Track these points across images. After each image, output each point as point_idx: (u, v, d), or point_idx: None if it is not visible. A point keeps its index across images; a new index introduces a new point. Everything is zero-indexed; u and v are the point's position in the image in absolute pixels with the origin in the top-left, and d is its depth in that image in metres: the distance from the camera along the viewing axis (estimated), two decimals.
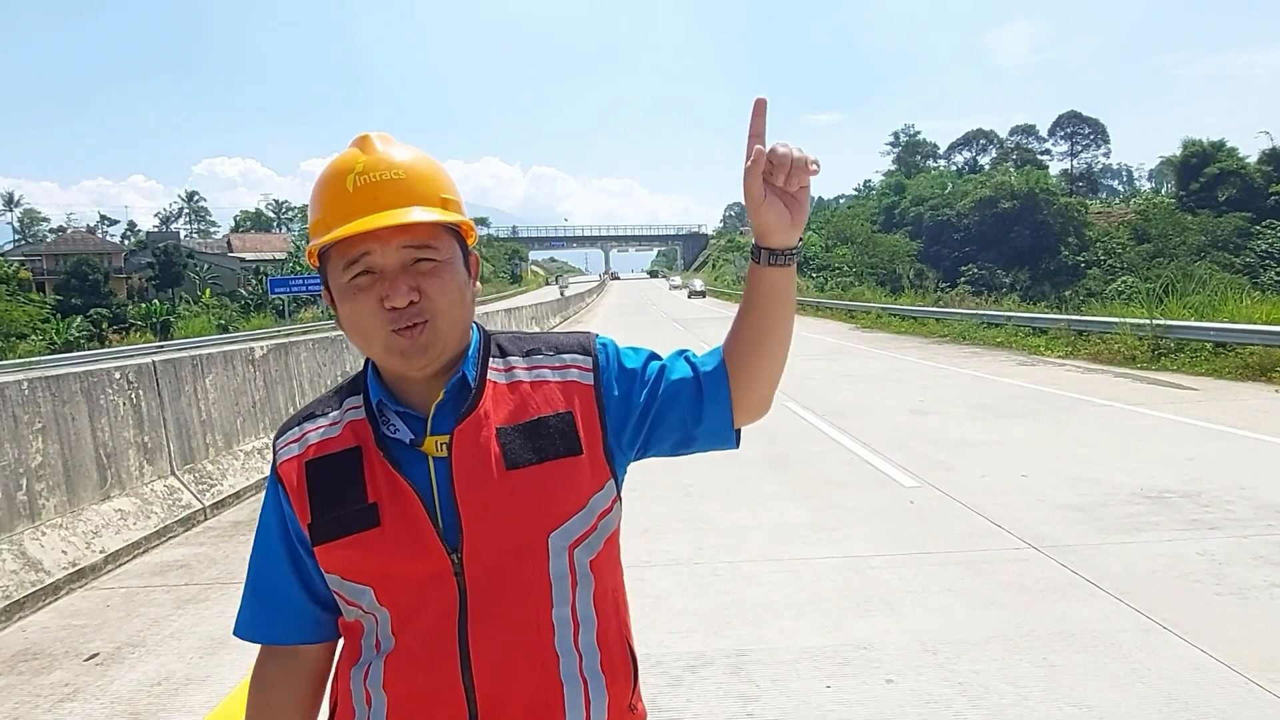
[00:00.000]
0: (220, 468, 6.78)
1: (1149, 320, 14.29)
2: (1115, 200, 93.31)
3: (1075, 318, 17.63)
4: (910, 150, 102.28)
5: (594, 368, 1.15)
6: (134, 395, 5.90)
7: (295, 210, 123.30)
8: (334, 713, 1.16)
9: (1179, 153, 67.03)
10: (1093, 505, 5.64)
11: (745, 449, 1.32)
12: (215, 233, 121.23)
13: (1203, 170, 63.04)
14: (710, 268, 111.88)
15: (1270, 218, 57.34)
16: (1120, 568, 4.46)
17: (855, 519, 5.56)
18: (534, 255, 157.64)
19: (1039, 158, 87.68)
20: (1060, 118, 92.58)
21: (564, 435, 1.09)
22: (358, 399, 1.14)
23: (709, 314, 40.39)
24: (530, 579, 1.06)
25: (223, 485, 6.64)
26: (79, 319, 46.85)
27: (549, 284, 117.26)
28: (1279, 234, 56.50)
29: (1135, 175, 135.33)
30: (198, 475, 6.48)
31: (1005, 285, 53.95)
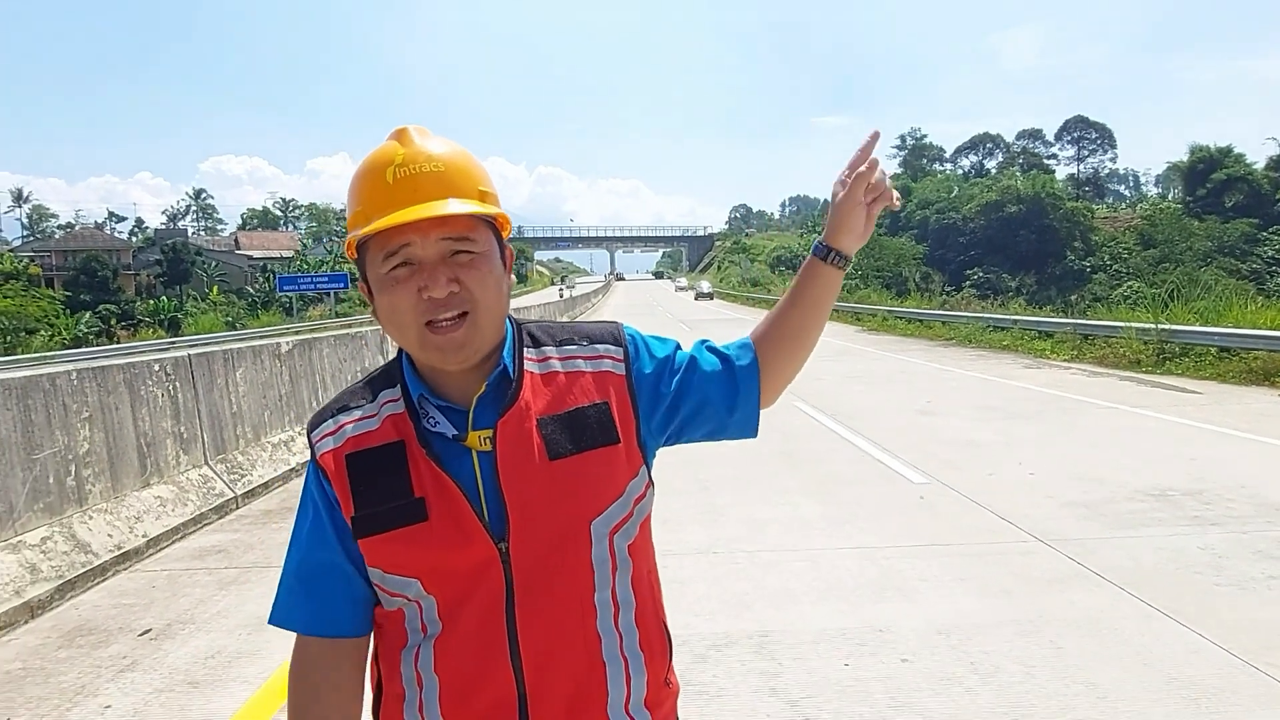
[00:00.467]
0: (250, 459, 7.00)
1: (1154, 325, 14.45)
2: (1122, 205, 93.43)
3: (1081, 322, 17.78)
4: (917, 154, 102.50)
5: (625, 358, 1.19)
6: (171, 387, 6.12)
7: (302, 209, 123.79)
8: (379, 695, 1.17)
9: (1186, 158, 67.19)
10: (1098, 502, 5.82)
11: (758, 446, 1.52)
12: (222, 230, 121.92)
13: (1210, 176, 63.14)
14: (716, 269, 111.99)
15: (1277, 224, 57.33)
16: (1124, 560, 4.64)
17: (868, 513, 5.75)
18: (539, 255, 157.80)
19: (1045, 162, 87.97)
20: (1067, 122, 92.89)
21: (602, 425, 1.13)
22: (393, 391, 1.15)
23: (716, 315, 40.49)
24: (574, 565, 1.10)
25: (252, 475, 6.86)
26: (88, 315, 47.19)
27: (554, 284, 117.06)
28: None
29: (1142, 180, 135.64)
30: (229, 465, 6.69)
31: (1011, 289, 53.97)
